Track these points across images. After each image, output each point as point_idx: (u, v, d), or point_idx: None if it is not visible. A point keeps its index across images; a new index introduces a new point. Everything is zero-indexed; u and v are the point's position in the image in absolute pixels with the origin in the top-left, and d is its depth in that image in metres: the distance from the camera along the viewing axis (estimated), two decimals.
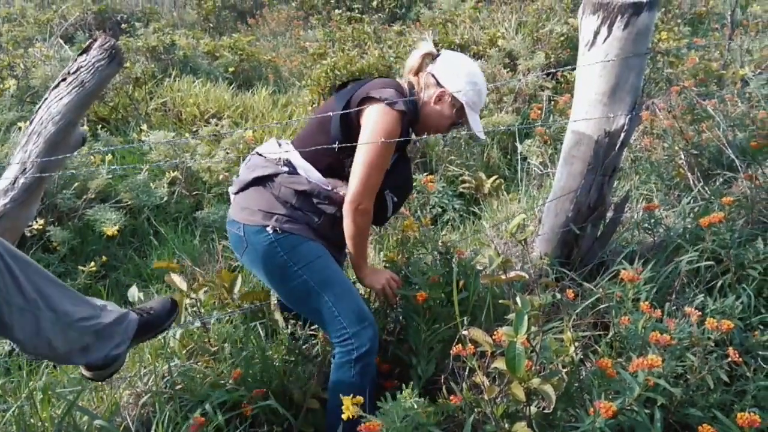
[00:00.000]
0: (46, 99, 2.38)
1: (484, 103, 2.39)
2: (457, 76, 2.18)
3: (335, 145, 2.09)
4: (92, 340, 1.81)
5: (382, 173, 2.10)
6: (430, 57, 2.25)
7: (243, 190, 2.18)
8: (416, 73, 2.26)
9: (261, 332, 2.48)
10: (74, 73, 2.36)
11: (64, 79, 2.37)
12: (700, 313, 1.89)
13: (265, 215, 2.07)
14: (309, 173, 2.13)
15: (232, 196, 2.25)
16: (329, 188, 2.12)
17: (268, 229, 2.05)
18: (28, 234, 3.73)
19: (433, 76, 2.21)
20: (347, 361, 2.04)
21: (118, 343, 1.89)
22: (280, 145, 2.23)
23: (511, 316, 1.72)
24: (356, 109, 2.09)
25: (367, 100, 2.08)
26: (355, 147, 2.07)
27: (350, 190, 2.07)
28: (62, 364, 2.40)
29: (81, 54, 2.39)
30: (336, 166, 2.15)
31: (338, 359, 2.07)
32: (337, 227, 2.13)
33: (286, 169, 2.12)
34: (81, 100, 2.37)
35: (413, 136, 2.34)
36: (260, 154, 2.22)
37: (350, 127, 2.11)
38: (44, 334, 1.70)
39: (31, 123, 2.40)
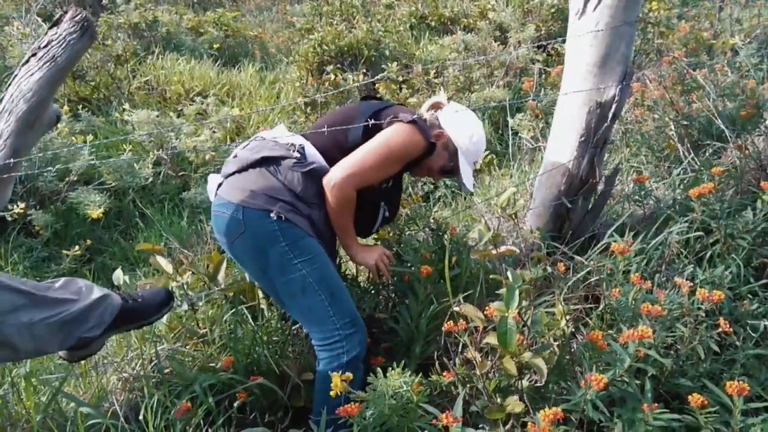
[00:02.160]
0: (15, 75, 2.30)
1: (479, 159, 2.45)
2: (458, 122, 2.28)
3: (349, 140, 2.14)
4: (61, 331, 1.74)
5: (378, 174, 2.11)
6: (439, 107, 2.36)
7: (241, 171, 2.08)
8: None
9: (248, 314, 2.45)
10: (45, 47, 2.24)
11: (34, 54, 2.26)
12: (690, 283, 1.90)
13: (268, 199, 1.98)
14: (319, 163, 2.10)
15: (220, 178, 2.15)
16: None
17: (272, 215, 1.95)
18: (9, 218, 3.65)
19: (437, 118, 2.30)
20: (337, 366, 1.97)
21: (92, 326, 1.80)
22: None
23: (503, 290, 1.72)
24: (387, 120, 2.14)
25: (399, 118, 2.14)
26: None
27: (341, 164, 2.05)
28: (37, 357, 2.35)
29: (51, 27, 2.27)
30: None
31: (325, 365, 2.00)
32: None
33: (297, 155, 2.07)
34: (53, 76, 2.25)
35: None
36: (265, 139, 2.16)
37: (367, 135, 2.13)
38: (8, 341, 1.63)
39: (0, 101, 2.32)
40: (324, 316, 2.00)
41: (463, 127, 2.27)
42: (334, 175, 2.03)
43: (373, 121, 2.13)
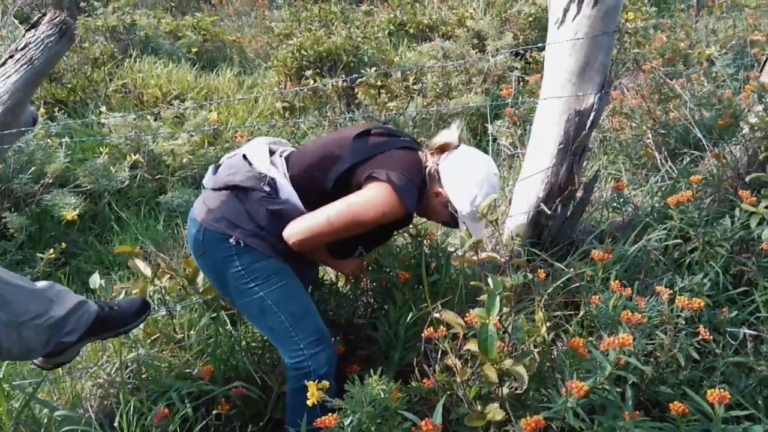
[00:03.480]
0: None
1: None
2: (460, 182, 1.99)
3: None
4: (45, 336, 1.73)
5: (343, 236, 1.97)
6: (447, 149, 2.06)
7: (214, 190, 2.03)
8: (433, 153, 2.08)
9: (227, 319, 2.41)
10: (22, 49, 2.22)
11: (11, 56, 2.23)
12: (670, 291, 1.90)
13: (229, 225, 1.94)
14: (291, 199, 1.97)
15: (203, 189, 2.10)
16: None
17: (231, 240, 1.92)
18: None
19: (438, 171, 2.03)
20: (303, 387, 1.96)
21: (69, 331, 1.79)
22: (273, 153, 2.07)
23: (483, 297, 1.70)
24: (365, 177, 1.92)
25: (380, 175, 1.89)
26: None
27: (302, 223, 1.92)
28: (16, 361, 2.31)
29: (29, 30, 2.25)
30: (319, 204, 1.96)
31: (293, 384, 1.98)
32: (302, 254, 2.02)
33: (267, 189, 1.95)
34: (30, 79, 2.23)
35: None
36: (246, 158, 2.04)
37: (348, 186, 1.96)
38: None
39: None
40: (286, 336, 1.97)
41: (465, 189, 1.98)
42: (293, 233, 1.92)
43: (348, 166, 1.94)
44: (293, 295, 1.99)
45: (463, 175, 2.00)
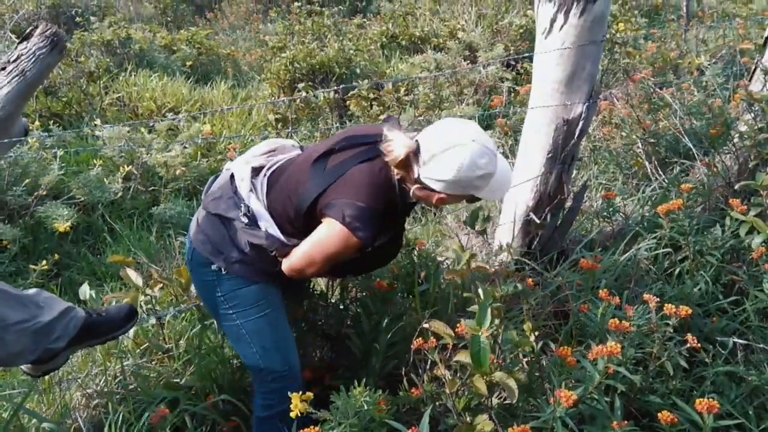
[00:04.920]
0: None
1: (493, 166, 1.79)
2: (447, 176, 1.75)
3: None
4: (31, 341, 1.74)
5: (324, 268, 1.88)
6: (413, 153, 1.78)
7: (205, 209, 2.00)
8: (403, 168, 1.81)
9: (217, 328, 2.41)
10: (15, 61, 2.26)
11: (3, 68, 2.27)
12: (658, 299, 1.89)
13: (213, 250, 1.92)
14: (269, 228, 1.89)
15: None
16: (290, 244, 1.88)
17: (214, 266, 1.92)
18: None
19: (422, 186, 1.80)
20: (268, 417, 1.97)
21: (57, 337, 1.81)
22: (260, 171, 1.99)
23: (474, 308, 1.68)
24: (320, 209, 1.83)
25: (333, 210, 1.78)
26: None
27: (291, 262, 1.86)
28: (2, 367, 2.30)
29: (21, 42, 2.29)
30: (295, 234, 1.90)
31: (260, 413, 2.01)
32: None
33: (245, 220, 1.88)
34: (22, 90, 2.27)
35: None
36: (232, 177, 1.97)
37: (314, 219, 1.85)
38: None
39: None
40: (255, 366, 2.00)
41: (457, 178, 1.75)
42: (288, 269, 1.88)
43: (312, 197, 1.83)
44: (269, 326, 1.98)
45: (445, 161, 1.73)
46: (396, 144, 1.77)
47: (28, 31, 2.31)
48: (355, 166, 1.83)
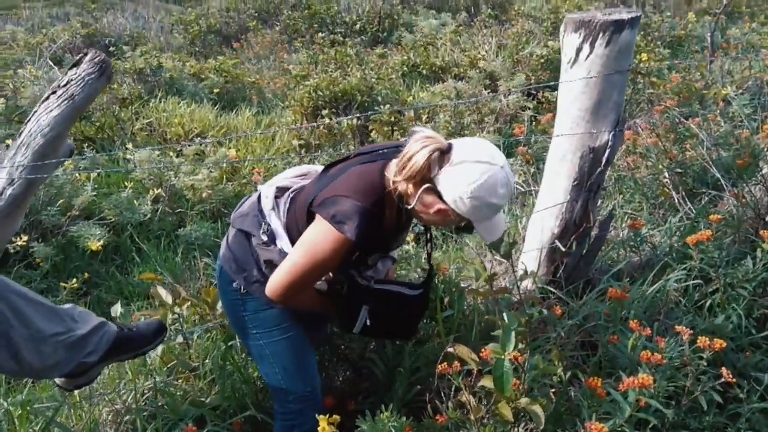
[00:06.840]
0: (35, 112, 2.43)
1: (506, 202, 1.80)
2: (465, 187, 1.69)
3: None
4: (66, 353, 1.78)
5: (320, 276, 1.87)
6: (443, 150, 1.72)
7: (233, 227, 2.01)
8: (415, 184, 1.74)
9: (240, 347, 2.40)
10: (64, 86, 2.41)
11: (54, 92, 2.43)
12: (691, 331, 1.84)
13: (237, 268, 1.93)
14: (284, 247, 1.87)
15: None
16: None
17: (234, 284, 1.95)
18: (12, 251, 3.75)
19: (433, 190, 1.73)
20: None
21: (90, 351, 1.85)
22: (282, 193, 1.97)
23: (498, 332, 1.65)
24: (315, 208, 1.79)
25: (322, 208, 1.75)
26: None
27: (273, 279, 1.81)
28: (37, 379, 2.38)
29: (72, 68, 2.42)
30: None
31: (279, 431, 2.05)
32: None
33: (264, 238, 1.89)
34: (70, 113, 2.39)
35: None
36: (259, 198, 1.98)
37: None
38: (16, 350, 1.66)
39: (20, 135, 2.41)
40: (277, 387, 2.02)
41: (469, 198, 1.69)
42: (269, 292, 1.83)
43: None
44: (291, 348, 1.99)
45: (465, 175, 1.68)
46: (432, 133, 1.75)
47: (78, 57, 2.46)
48: (356, 165, 1.84)
